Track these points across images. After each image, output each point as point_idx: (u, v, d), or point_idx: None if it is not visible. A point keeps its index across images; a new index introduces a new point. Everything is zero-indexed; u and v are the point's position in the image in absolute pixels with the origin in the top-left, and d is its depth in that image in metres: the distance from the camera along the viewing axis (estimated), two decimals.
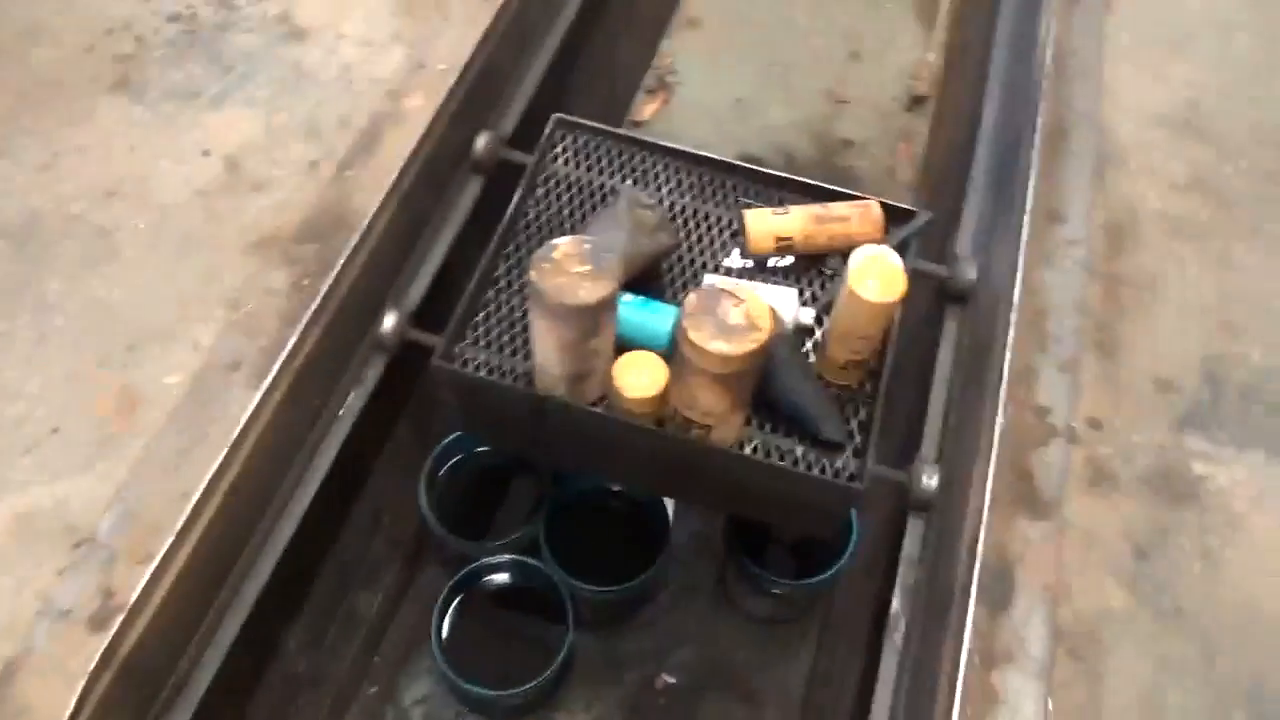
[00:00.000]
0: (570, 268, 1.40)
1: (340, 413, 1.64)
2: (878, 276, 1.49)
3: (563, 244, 1.42)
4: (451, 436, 2.17)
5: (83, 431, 1.43)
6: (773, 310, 1.41)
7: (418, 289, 1.79)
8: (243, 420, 1.41)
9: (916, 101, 3.71)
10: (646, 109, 3.55)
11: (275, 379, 1.45)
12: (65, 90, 1.82)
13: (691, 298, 1.38)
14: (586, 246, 1.42)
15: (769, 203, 1.87)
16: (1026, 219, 1.69)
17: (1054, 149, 1.82)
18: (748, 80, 3.77)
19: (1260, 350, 1.66)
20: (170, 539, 1.32)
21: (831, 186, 1.83)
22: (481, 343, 1.66)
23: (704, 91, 3.70)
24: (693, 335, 1.34)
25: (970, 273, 1.79)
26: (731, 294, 1.39)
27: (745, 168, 1.87)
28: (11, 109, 1.78)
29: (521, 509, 2.25)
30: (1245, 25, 2.12)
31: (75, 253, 1.61)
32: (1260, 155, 1.93)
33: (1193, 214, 1.83)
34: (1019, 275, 1.61)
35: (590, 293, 1.37)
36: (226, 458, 1.39)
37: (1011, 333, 1.57)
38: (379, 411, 1.76)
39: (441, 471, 2.18)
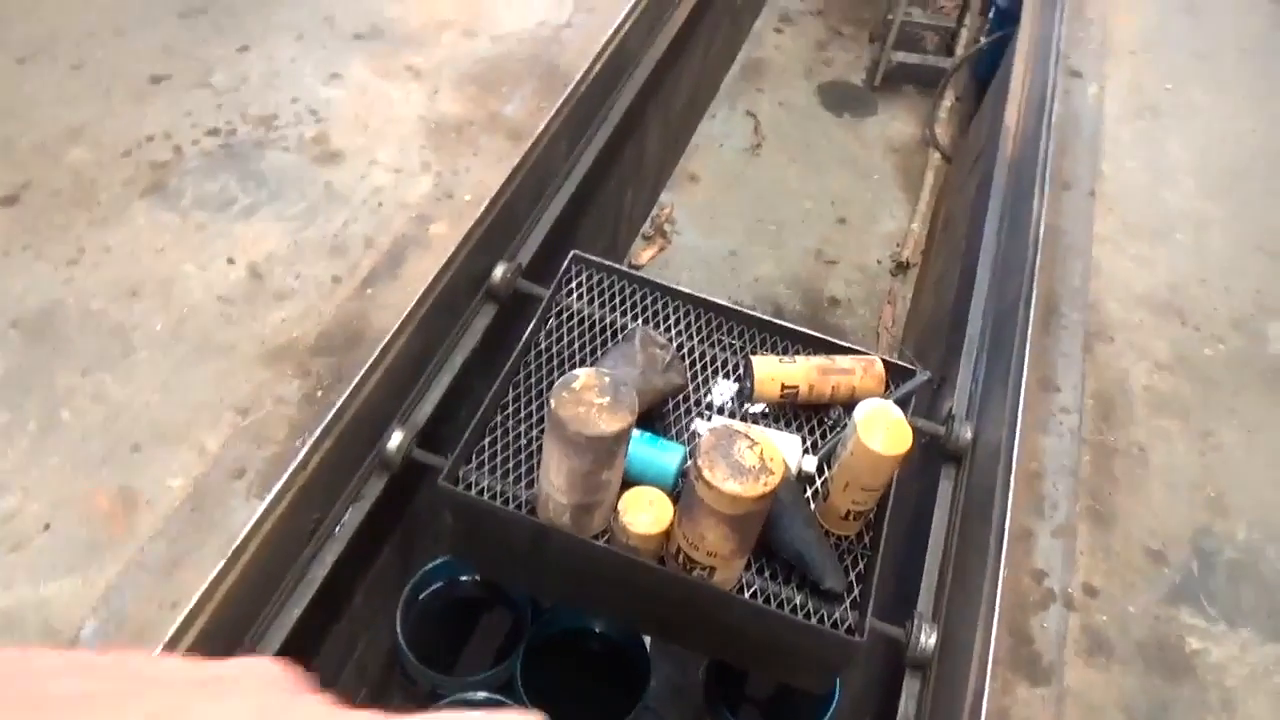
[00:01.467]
0: (589, 398, 1.42)
1: (336, 530, 1.62)
2: (884, 429, 1.52)
3: (583, 375, 1.45)
4: (433, 563, 2.13)
5: (76, 531, 1.40)
6: (783, 456, 1.44)
7: (426, 410, 1.80)
8: (243, 532, 1.39)
9: (901, 267, 3.88)
10: (644, 254, 3.68)
11: (279, 491, 1.44)
12: (99, 191, 1.86)
13: (707, 436, 1.41)
14: (606, 379, 1.45)
15: (774, 351, 1.92)
16: (1023, 385, 1.75)
17: (1046, 322, 1.91)
18: (741, 235, 3.94)
19: (1245, 528, 1.70)
20: (157, 650, 1.27)
21: (836, 340, 1.90)
22: (487, 467, 1.66)
23: (699, 241, 3.85)
24: (707, 474, 1.36)
25: (966, 433, 1.84)
26: (746, 435, 1.41)
27: (752, 315, 1.94)
28: (44, 205, 1.81)
29: (498, 643, 2.19)
30: (1220, 221, 2.27)
31: (91, 348, 1.61)
32: (1235, 340, 2.03)
33: (1176, 392, 1.90)
34: (1017, 438, 1.66)
35: (609, 424, 1.40)
36: (223, 569, 1.36)
37: (1011, 495, 1.60)
38: (372, 533, 1.73)
39: (420, 598, 2.13)
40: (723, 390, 1.85)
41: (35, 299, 1.67)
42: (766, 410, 1.82)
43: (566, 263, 1.98)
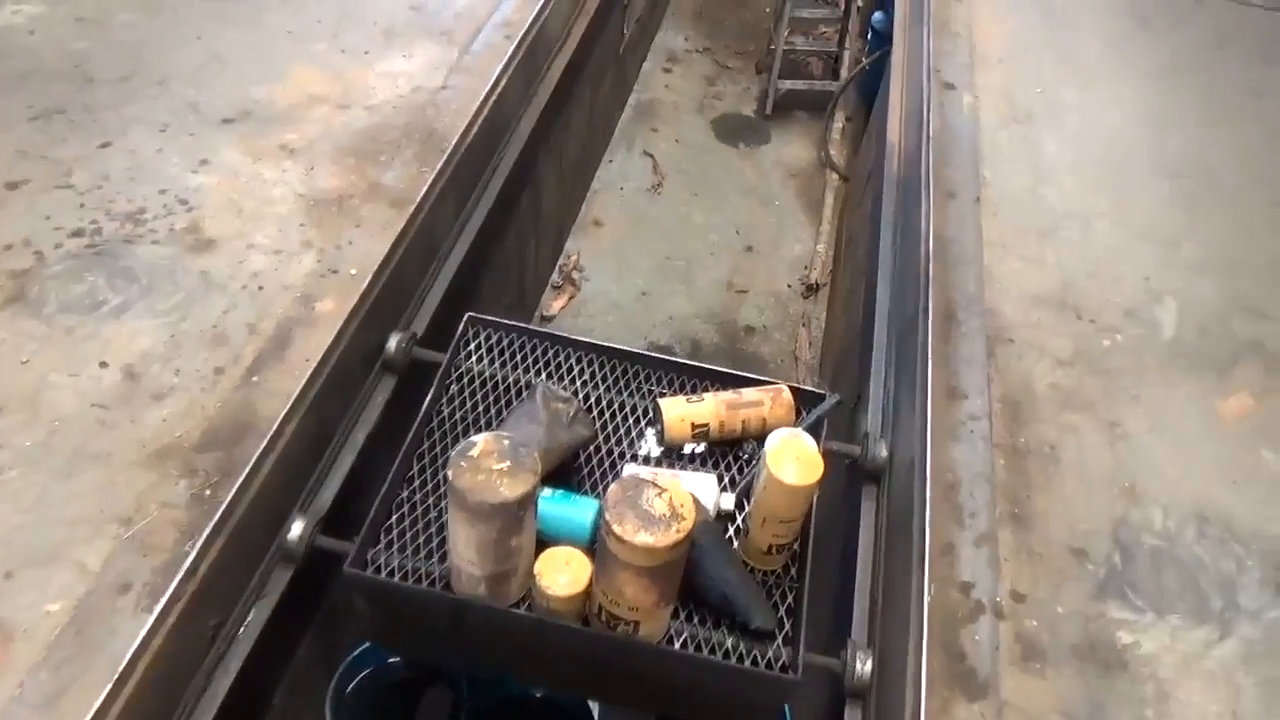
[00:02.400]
0: (489, 465, 1.37)
1: (240, 632, 1.53)
2: (794, 460, 1.50)
3: (480, 441, 1.40)
4: (359, 650, 2.04)
5: None
6: (695, 498, 1.41)
7: (328, 494, 1.73)
8: (130, 649, 1.30)
9: (811, 289, 3.91)
10: (555, 304, 3.65)
11: (169, 601, 1.35)
12: None
13: (613, 489, 1.37)
14: (505, 443, 1.40)
15: (682, 391, 1.90)
16: (930, 396, 1.75)
17: (947, 330, 1.93)
18: (651, 274, 3.94)
19: (1161, 513, 1.72)
20: None
21: (741, 373, 1.88)
22: (395, 546, 1.60)
23: (609, 285, 3.84)
24: (616, 529, 1.32)
25: (882, 451, 1.83)
26: (653, 483, 1.38)
27: (656, 358, 1.91)
28: None
29: None
30: (1103, 213, 2.33)
31: None
32: (1130, 329, 2.07)
33: (1079, 386, 1.93)
34: (929, 451, 1.65)
35: (511, 489, 1.35)
36: (111, 692, 1.27)
37: (928, 509, 1.59)
38: (282, 629, 1.64)
39: (349, 689, 2.03)
40: (649, 440, 1.81)
41: None
42: (696, 452, 1.79)
43: (462, 325, 1.94)
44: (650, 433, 1.82)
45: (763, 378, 1.88)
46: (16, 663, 1.31)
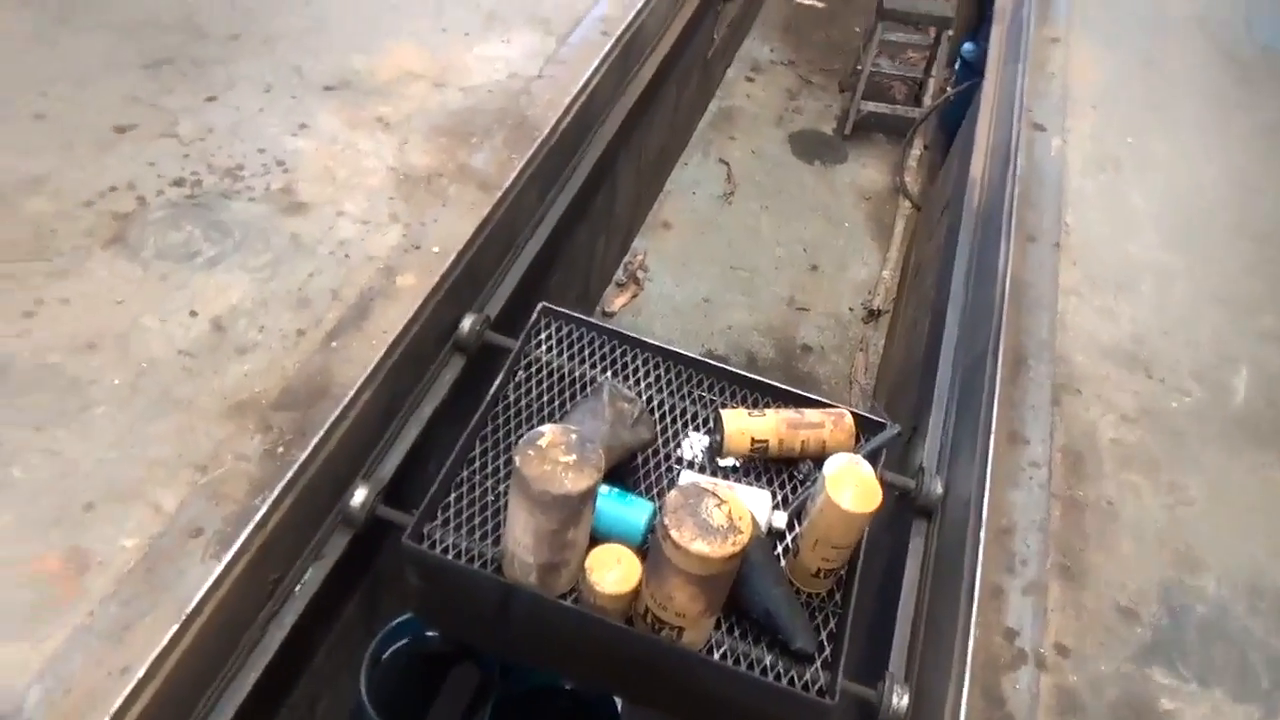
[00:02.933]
0: (556, 456, 1.40)
1: (296, 589, 1.58)
2: (854, 486, 1.51)
3: (548, 432, 1.43)
4: (397, 620, 2.08)
5: (22, 594, 1.35)
6: (752, 515, 1.42)
7: (391, 464, 1.77)
8: (198, 594, 1.35)
9: (872, 315, 3.90)
10: (617, 300, 3.68)
11: (238, 551, 1.40)
12: (59, 242, 1.83)
13: (674, 495, 1.39)
14: (572, 436, 1.43)
15: (743, 404, 1.91)
16: (992, 439, 1.75)
17: (1015, 374, 1.92)
18: (714, 282, 3.96)
19: (1215, 582, 1.70)
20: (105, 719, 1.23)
21: (803, 393, 1.89)
22: (452, 524, 1.63)
23: (672, 288, 3.86)
24: (674, 534, 1.34)
25: (937, 488, 1.83)
26: (713, 494, 1.39)
27: (721, 367, 1.93)
28: (22, 253, 1.78)
29: (466, 701, 2.14)
30: (1183, 272, 2.30)
31: (45, 403, 1.57)
32: (1199, 392, 2.04)
33: (1143, 444, 1.91)
34: (986, 494, 1.65)
35: (575, 483, 1.37)
36: (177, 633, 1.32)
37: (981, 552, 1.59)
38: (334, 590, 1.69)
39: (385, 656, 2.08)
40: (693, 444, 1.84)
41: None
42: (737, 465, 1.81)
43: (535, 315, 1.97)
44: (696, 438, 1.83)
45: (826, 401, 1.88)
46: (89, 592, 1.36)
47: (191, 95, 2.23)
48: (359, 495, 1.65)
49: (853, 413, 1.84)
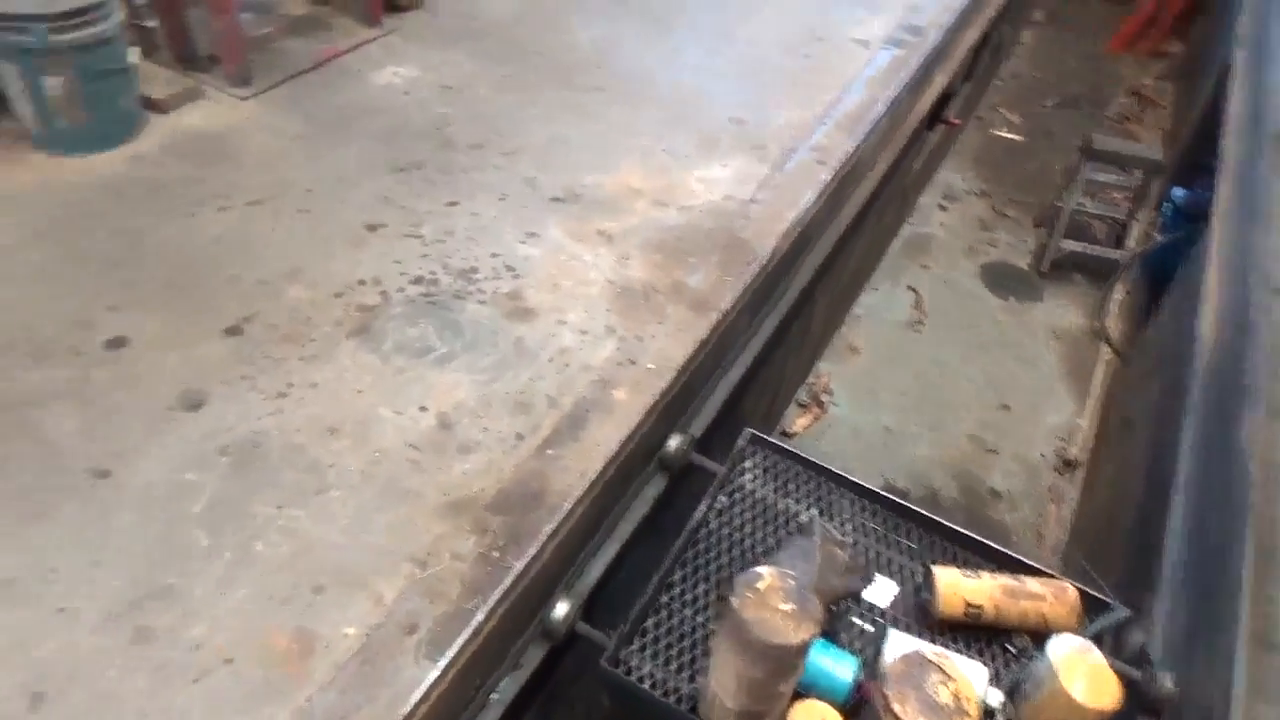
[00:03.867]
0: (774, 602, 1.36)
1: (493, 697, 1.58)
2: (1087, 677, 1.40)
3: (766, 575, 1.40)
4: None
5: (254, 670, 1.41)
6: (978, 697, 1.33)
7: (591, 578, 1.78)
8: (413, 698, 1.37)
9: (1067, 465, 3.69)
10: (799, 421, 3.63)
11: (453, 657, 1.42)
12: (312, 328, 1.97)
13: (897, 663, 1.32)
14: (791, 583, 1.39)
15: (953, 560, 1.82)
16: (1240, 642, 1.59)
17: (1267, 570, 1.75)
18: (898, 411, 3.85)
19: None
20: None
21: (1025, 559, 1.78)
22: (649, 651, 1.61)
23: (855, 414, 3.78)
24: (896, 708, 1.27)
25: (1168, 683, 1.67)
26: (939, 668, 1.32)
27: (940, 523, 1.85)
28: (262, 338, 1.93)
29: None
30: None
31: (288, 481, 1.67)
32: None
33: None
34: (1237, 708, 1.49)
35: (795, 634, 1.33)
36: None
37: None
38: (524, 701, 1.68)
39: None
40: (882, 590, 1.75)
41: (245, 428, 1.75)
42: (942, 627, 1.71)
43: (742, 442, 1.96)
44: (885, 584, 1.75)
45: (1046, 569, 1.77)
46: (311, 675, 1.41)
47: (435, 200, 2.38)
48: (561, 608, 1.65)
49: (1075, 586, 1.72)
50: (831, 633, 1.69)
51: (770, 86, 3.10)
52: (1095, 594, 1.74)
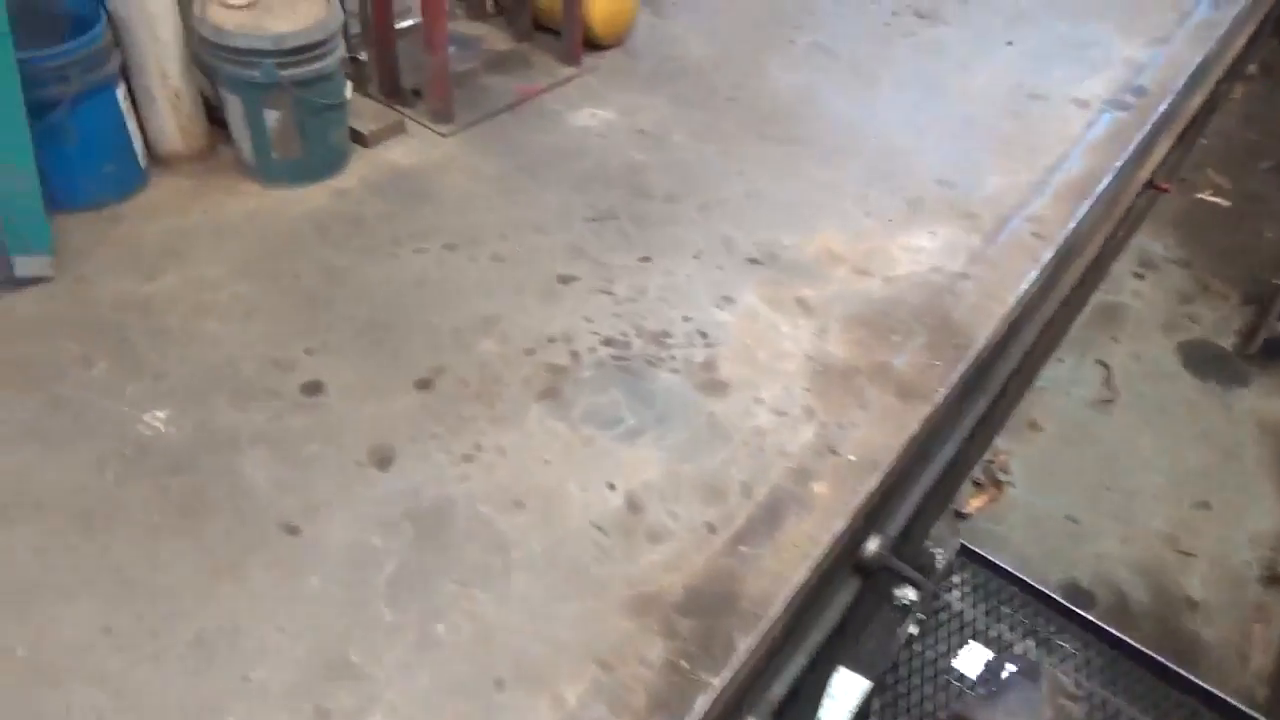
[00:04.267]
0: None
1: None
2: None
3: None
4: None
5: None
6: None
7: (775, 694, 1.63)
8: None
9: (1275, 580, 3.30)
10: (974, 502, 3.38)
11: None
12: (501, 387, 1.91)
13: None
14: None
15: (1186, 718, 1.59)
16: None
17: None
18: (1082, 499, 3.54)
19: None
20: None
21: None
22: None
23: (1035, 498, 3.50)
24: None
25: None
26: None
27: (1180, 675, 1.62)
28: (453, 394, 1.88)
29: None
30: None
31: (473, 558, 1.60)
32: None
33: None
34: None
35: None
36: None
37: None
38: None
39: None
40: None
41: (432, 492, 1.69)
42: None
43: (950, 554, 1.78)
44: None
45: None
46: None
47: (628, 253, 2.30)
48: None
49: None
50: None
51: (981, 147, 2.89)
52: None
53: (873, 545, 1.82)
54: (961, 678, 1.61)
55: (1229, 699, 1.60)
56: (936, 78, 3.24)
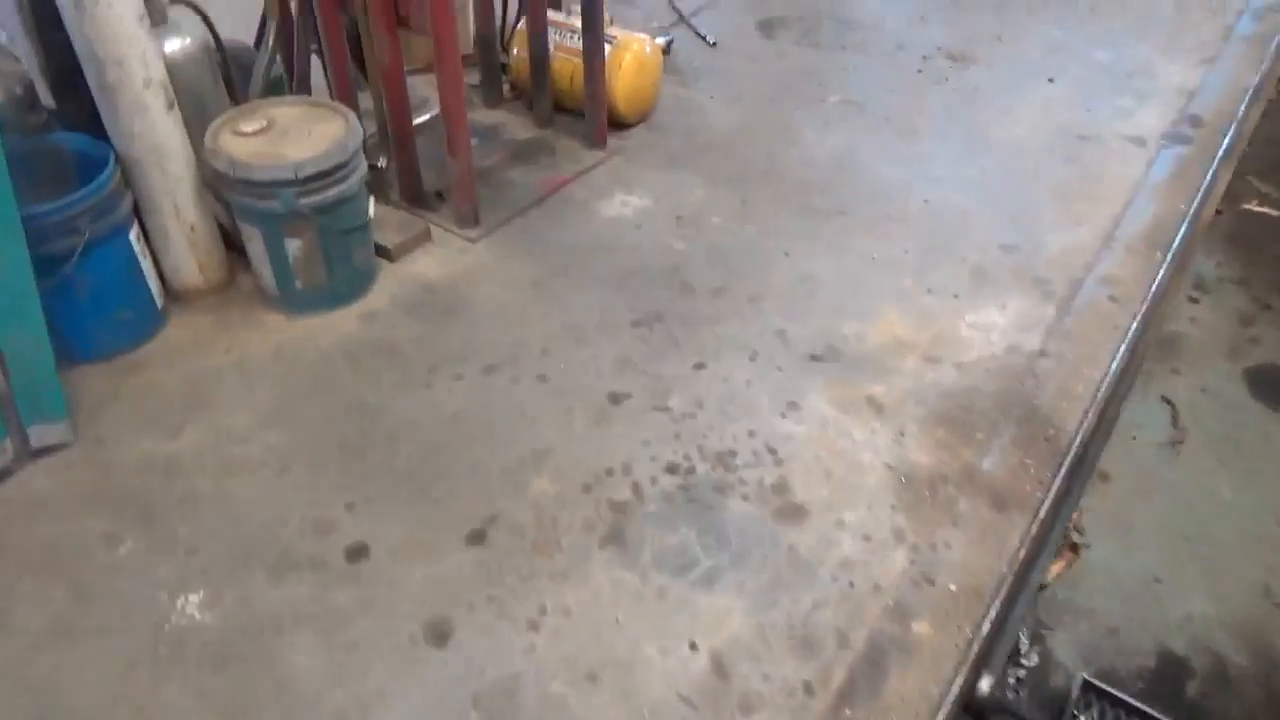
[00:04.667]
0: None
1: None
2: None
3: None
4: None
5: None
6: None
7: None
8: None
9: None
10: (1051, 569, 3.19)
11: None
12: (560, 533, 1.75)
13: None
14: None
15: None
16: None
17: None
18: (1164, 555, 3.33)
19: None
20: None
21: None
22: None
23: (1114, 559, 3.29)
24: None
25: None
26: None
27: None
28: (509, 547, 1.72)
29: None
30: None
31: None
32: None
33: None
34: None
35: None
36: None
37: None
38: None
39: None
40: None
41: (496, 670, 1.53)
42: None
43: (1075, 690, 1.60)
44: None
45: None
46: None
47: (680, 361, 2.14)
48: None
49: None
50: None
51: (1037, 200, 2.73)
52: None
53: (985, 685, 1.64)
54: None
55: None
56: (977, 126, 3.08)
